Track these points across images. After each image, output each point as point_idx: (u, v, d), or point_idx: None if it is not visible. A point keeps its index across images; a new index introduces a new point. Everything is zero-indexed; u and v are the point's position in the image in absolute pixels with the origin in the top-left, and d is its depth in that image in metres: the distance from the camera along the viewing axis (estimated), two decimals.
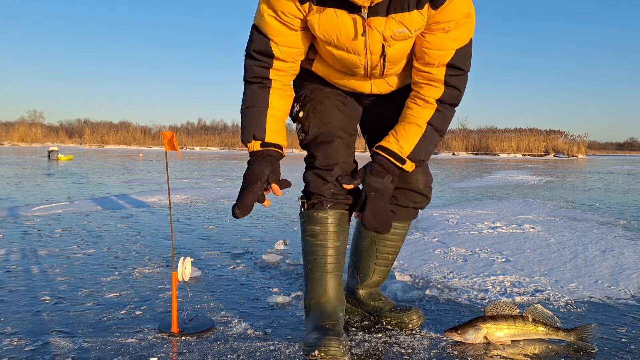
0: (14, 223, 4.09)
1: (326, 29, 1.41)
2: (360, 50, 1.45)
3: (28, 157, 22.00)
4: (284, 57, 1.50)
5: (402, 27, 1.38)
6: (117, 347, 1.61)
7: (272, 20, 1.43)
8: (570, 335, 1.69)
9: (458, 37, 1.41)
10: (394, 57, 1.49)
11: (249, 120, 1.53)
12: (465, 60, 1.47)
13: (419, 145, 1.52)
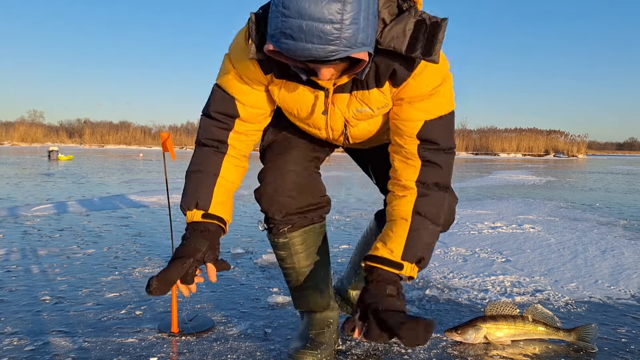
0: (14, 223, 4.09)
1: (287, 101, 1.35)
2: (321, 126, 1.40)
3: (28, 157, 22.00)
4: (247, 117, 1.39)
5: (364, 107, 1.31)
6: (117, 347, 1.61)
7: (236, 80, 1.35)
8: (570, 335, 1.69)
9: (425, 108, 1.29)
10: (357, 136, 1.43)
11: (194, 186, 1.37)
12: (439, 134, 1.31)
13: (410, 242, 1.29)
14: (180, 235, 1.38)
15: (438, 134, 1.31)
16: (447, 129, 1.32)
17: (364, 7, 1.03)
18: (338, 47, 1.02)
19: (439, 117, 1.30)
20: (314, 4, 0.98)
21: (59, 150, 20.22)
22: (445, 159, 1.33)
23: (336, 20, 0.99)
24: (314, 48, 1.01)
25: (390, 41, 1.15)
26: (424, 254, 1.31)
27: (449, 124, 1.33)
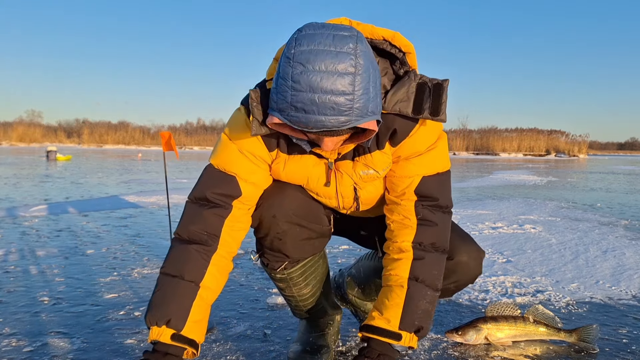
0: (12, 223, 4.08)
1: (294, 174, 1.33)
2: (331, 195, 1.38)
3: (26, 157, 21.99)
4: (247, 196, 1.30)
5: (369, 169, 1.31)
6: (116, 347, 1.60)
7: (240, 157, 1.29)
8: (571, 336, 1.68)
9: (422, 163, 1.30)
10: (367, 199, 1.39)
11: (169, 296, 1.22)
12: (437, 190, 1.30)
13: (407, 310, 1.25)
14: None
15: (436, 189, 1.30)
16: (444, 186, 1.32)
17: (372, 77, 1.05)
18: (350, 117, 1.02)
19: (436, 173, 1.31)
20: (325, 78, 0.99)
21: (57, 150, 20.18)
22: (442, 218, 1.31)
23: (348, 92, 1.00)
24: (327, 119, 1.02)
25: (395, 105, 1.19)
26: (422, 323, 1.26)
27: (446, 182, 1.33)
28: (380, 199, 1.40)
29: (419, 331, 1.26)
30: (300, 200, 1.39)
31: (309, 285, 1.53)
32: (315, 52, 0.99)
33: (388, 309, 1.26)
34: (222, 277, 1.30)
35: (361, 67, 1.01)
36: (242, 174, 1.29)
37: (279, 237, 1.38)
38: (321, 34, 1.01)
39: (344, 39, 1.01)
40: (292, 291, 1.53)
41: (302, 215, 1.40)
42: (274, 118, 1.07)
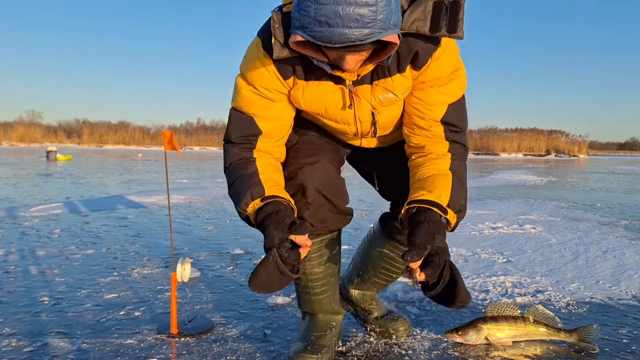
0: (13, 223, 4.08)
1: (313, 102, 1.35)
2: (349, 120, 1.40)
3: (26, 157, 21.99)
4: (269, 131, 1.38)
5: (388, 93, 1.33)
6: (116, 348, 1.60)
7: (253, 96, 1.34)
8: (571, 336, 1.68)
9: (448, 91, 1.35)
10: (385, 123, 1.43)
11: (241, 187, 1.33)
12: (460, 117, 1.39)
13: (454, 191, 1.31)
14: (179, 236, 1.37)
15: (459, 117, 1.39)
16: (464, 111, 1.41)
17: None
18: (373, 29, 1.04)
19: (458, 100, 1.37)
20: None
21: (57, 150, 20.18)
22: (466, 139, 1.43)
23: (372, 3, 1.02)
24: (350, 32, 1.03)
25: (412, 24, 1.19)
26: (462, 207, 1.33)
27: (464, 107, 1.41)
28: (397, 123, 1.46)
29: (460, 212, 1.33)
30: (330, 174, 1.48)
31: (321, 265, 1.57)
32: None
33: (437, 188, 1.31)
34: (276, 170, 1.41)
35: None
36: (258, 112, 1.35)
37: (306, 206, 1.44)
38: None
39: None
40: (305, 267, 1.55)
41: (329, 189, 1.47)
42: (297, 37, 1.09)
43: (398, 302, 2.12)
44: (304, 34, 1.07)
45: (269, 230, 1.23)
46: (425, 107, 1.36)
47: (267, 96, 1.33)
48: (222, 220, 4.44)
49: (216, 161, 22.26)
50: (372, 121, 1.40)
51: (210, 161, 22.21)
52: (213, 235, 3.68)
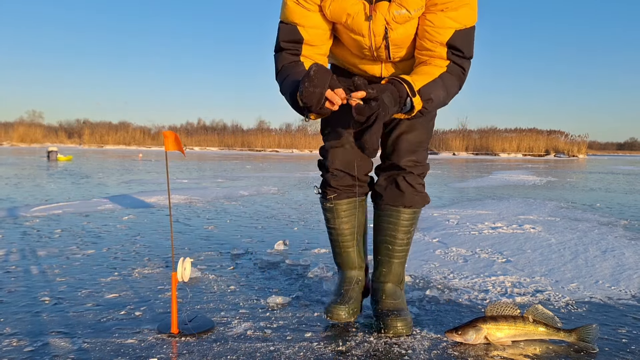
0: (13, 223, 4.08)
1: (337, 12, 1.58)
2: (364, 32, 1.59)
3: (27, 157, 22.00)
4: (311, 39, 1.63)
5: (402, 9, 1.51)
6: (116, 347, 1.60)
7: (295, 6, 1.60)
8: (570, 336, 1.68)
9: (456, 17, 1.52)
10: (398, 40, 1.62)
11: (293, 80, 1.54)
12: (466, 44, 1.55)
13: (430, 85, 1.53)
14: (179, 236, 1.37)
15: (463, 43, 1.55)
16: (471, 39, 1.57)
17: None
18: None
19: (466, 28, 1.54)
20: None
21: (58, 150, 20.18)
22: (466, 67, 1.60)
23: None
24: None
25: None
26: (434, 99, 1.54)
27: (472, 36, 1.57)
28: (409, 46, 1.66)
29: (428, 102, 1.53)
30: (349, 155, 1.83)
31: (348, 223, 1.91)
32: None
33: (418, 78, 1.54)
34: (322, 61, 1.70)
35: None
36: (300, 21, 1.61)
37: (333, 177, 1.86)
38: None
39: None
40: (335, 222, 1.92)
41: (348, 165, 1.84)
42: None
43: None
44: None
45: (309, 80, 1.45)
46: (433, 29, 1.55)
47: (305, 6, 1.60)
48: (223, 220, 4.45)
49: (216, 161, 22.28)
50: (385, 35, 1.58)
51: (210, 161, 22.22)
52: (213, 235, 3.68)
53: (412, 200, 1.84)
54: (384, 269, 1.90)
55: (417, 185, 1.85)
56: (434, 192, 7.85)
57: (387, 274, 1.90)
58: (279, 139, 64.22)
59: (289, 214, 4.96)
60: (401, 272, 1.93)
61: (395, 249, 1.88)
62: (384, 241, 1.89)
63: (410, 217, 1.86)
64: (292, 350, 1.61)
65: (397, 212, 1.85)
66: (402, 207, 1.84)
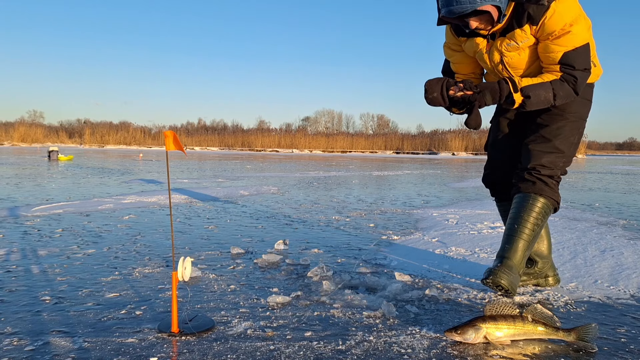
0: (14, 223, 4.09)
1: (469, 48, 2.17)
2: (486, 61, 2.14)
3: (28, 157, 22.01)
4: (458, 70, 2.29)
5: (511, 42, 1.99)
6: (117, 347, 1.61)
7: (447, 50, 2.28)
8: (569, 335, 1.69)
9: (561, 43, 1.88)
10: (513, 63, 2.08)
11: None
12: (575, 60, 1.90)
13: (535, 86, 1.95)
14: (180, 235, 1.38)
15: (573, 59, 1.91)
16: (580, 55, 1.91)
17: None
18: (466, 5, 1.78)
19: (574, 48, 1.89)
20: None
21: (59, 150, 20.21)
22: (579, 74, 1.94)
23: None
24: (454, 9, 1.81)
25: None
26: (532, 96, 1.95)
27: (582, 53, 1.91)
28: (526, 64, 2.08)
29: (528, 98, 1.95)
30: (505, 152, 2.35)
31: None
32: None
33: (526, 80, 1.97)
34: None
35: None
36: (450, 58, 2.32)
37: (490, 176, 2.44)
38: None
39: None
40: (505, 218, 2.39)
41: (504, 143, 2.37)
42: (440, 14, 1.92)
43: (398, 302, 2.13)
44: (441, 13, 1.90)
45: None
46: (545, 54, 1.96)
47: (452, 48, 2.25)
48: (223, 220, 4.45)
49: (217, 161, 22.28)
50: (501, 60, 2.08)
51: (210, 161, 22.22)
52: (214, 235, 3.69)
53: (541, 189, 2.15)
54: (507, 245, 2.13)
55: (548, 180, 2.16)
56: (434, 192, 7.86)
57: (509, 250, 2.10)
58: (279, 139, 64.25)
59: (289, 214, 4.96)
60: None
61: (523, 231, 2.12)
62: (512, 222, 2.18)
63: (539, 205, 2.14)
64: (292, 349, 1.61)
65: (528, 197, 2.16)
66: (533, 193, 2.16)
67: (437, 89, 2.00)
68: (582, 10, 1.92)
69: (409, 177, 12.37)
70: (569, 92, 1.97)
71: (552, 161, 2.13)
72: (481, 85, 2.01)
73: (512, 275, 2.02)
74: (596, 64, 2.10)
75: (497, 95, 1.97)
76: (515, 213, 2.13)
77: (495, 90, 1.97)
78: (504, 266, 2.03)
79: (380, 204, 6.06)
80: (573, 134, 2.16)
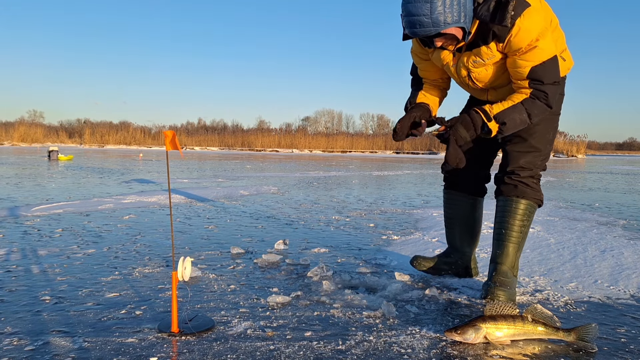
0: (14, 223, 4.09)
1: (436, 59, 2.17)
2: (454, 74, 2.17)
3: (28, 157, 22.01)
4: (425, 76, 2.30)
5: (477, 59, 2.00)
6: (117, 346, 1.61)
7: (415, 57, 2.30)
8: (569, 335, 1.69)
9: (528, 58, 1.88)
10: (480, 77, 2.09)
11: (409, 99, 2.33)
12: (543, 74, 1.90)
13: (506, 111, 1.95)
14: (180, 235, 1.37)
15: (541, 73, 1.89)
16: (549, 70, 1.89)
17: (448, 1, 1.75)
18: (429, 27, 1.79)
19: (542, 62, 1.88)
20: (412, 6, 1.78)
21: (59, 150, 20.19)
22: (549, 88, 1.93)
23: (426, 14, 1.76)
24: (417, 31, 1.82)
25: (481, 15, 1.84)
26: (508, 122, 1.95)
27: (550, 66, 1.89)
28: (491, 78, 2.08)
29: (504, 125, 1.96)
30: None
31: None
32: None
33: (497, 106, 1.98)
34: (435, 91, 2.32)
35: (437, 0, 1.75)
36: (418, 64, 2.31)
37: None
38: None
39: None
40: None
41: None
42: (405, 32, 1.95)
43: (397, 301, 2.13)
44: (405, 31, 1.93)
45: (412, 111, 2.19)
46: (514, 70, 1.95)
47: (420, 56, 2.25)
48: (223, 220, 4.45)
49: (217, 161, 22.28)
50: (468, 75, 2.09)
51: (210, 161, 22.22)
52: (214, 235, 3.69)
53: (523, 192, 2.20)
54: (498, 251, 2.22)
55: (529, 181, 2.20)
56: (434, 192, 7.86)
57: (500, 255, 2.20)
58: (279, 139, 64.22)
59: (289, 214, 4.96)
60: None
61: (505, 232, 2.22)
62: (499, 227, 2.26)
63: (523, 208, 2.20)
64: (292, 349, 1.61)
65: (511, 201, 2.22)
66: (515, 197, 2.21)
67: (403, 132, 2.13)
68: (547, 21, 1.90)
69: (409, 177, 12.38)
70: (542, 108, 1.97)
71: (531, 161, 2.17)
72: (452, 119, 2.03)
73: (507, 288, 2.13)
74: (566, 58, 2.08)
75: (470, 127, 1.98)
76: (501, 217, 2.21)
77: (467, 123, 1.98)
78: (499, 275, 2.16)
79: (380, 203, 6.06)
80: (548, 131, 2.19)
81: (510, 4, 1.78)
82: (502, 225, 2.20)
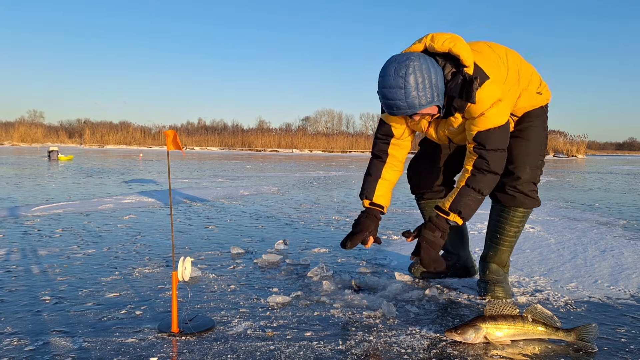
0: (14, 223, 4.09)
1: (415, 127, 2.21)
2: (434, 137, 2.25)
3: (28, 157, 22.01)
4: (398, 135, 2.23)
5: (450, 126, 2.10)
6: (117, 346, 1.61)
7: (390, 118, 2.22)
8: (569, 335, 1.69)
9: (476, 123, 1.99)
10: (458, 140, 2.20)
11: (366, 184, 2.26)
12: (485, 140, 1.99)
13: (456, 199, 2.02)
14: (180, 235, 1.37)
15: (484, 139, 2.00)
16: (492, 137, 2.00)
17: (420, 85, 1.84)
18: (406, 110, 1.88)
19: (487, 129, 1.99)
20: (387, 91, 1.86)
21: (59, 150, 20.18)
22: (490, 155, 2.01)
23: (401, 99, 1.85)
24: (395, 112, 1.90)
25: (451, 91, 1.94)
26: (462, 209, 2.01)
27: (495, 134, 2.00)
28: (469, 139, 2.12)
29: (460, 213, 2.02)
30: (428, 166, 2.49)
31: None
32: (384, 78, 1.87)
33: (449, 198, 2.06)
34: (394, 173, 2.27)
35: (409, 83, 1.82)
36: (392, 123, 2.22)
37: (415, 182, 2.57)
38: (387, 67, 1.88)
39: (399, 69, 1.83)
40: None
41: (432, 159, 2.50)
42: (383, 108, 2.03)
43: (398, 301, 2.13)
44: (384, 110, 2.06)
45: (369, 223, 2.22)
46: (466, 132, 2.06)
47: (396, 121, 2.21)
48: (223, 220, 4.45)
49: (217, 161, 22.28)
50: (448, 139, 2.21)
51: (210, 161, 22.22)
52: (214, 235, 3.69)
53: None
54: (488, 252, 2.34)
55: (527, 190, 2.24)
56: None
57: (492, 255, 2.32)
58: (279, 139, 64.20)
59: (289, 214, 4.96)
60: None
61: (503, 237, 2.31)
62: (492, 229, 2.35)
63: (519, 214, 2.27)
64: (292, 349, 1.61)
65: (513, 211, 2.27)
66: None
67: (352, 246, 2.18)
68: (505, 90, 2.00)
69: None
70: (489, 178, 2.03)
71: (532, 175, 2.22)
72: (417, 230, 2.09)
73: (503, 284, 2.26)
74: (542, 92, 2.21)
75: (437, 231, 2.04)
76: (497, 222, 2.29)
77: (432, 229, 2.04)
78: (491, 273, 2.30)
79: None
80: (539, 153, 2.26)
81: (475, 83, 1.88)
82: (497, 229, 2.29)
